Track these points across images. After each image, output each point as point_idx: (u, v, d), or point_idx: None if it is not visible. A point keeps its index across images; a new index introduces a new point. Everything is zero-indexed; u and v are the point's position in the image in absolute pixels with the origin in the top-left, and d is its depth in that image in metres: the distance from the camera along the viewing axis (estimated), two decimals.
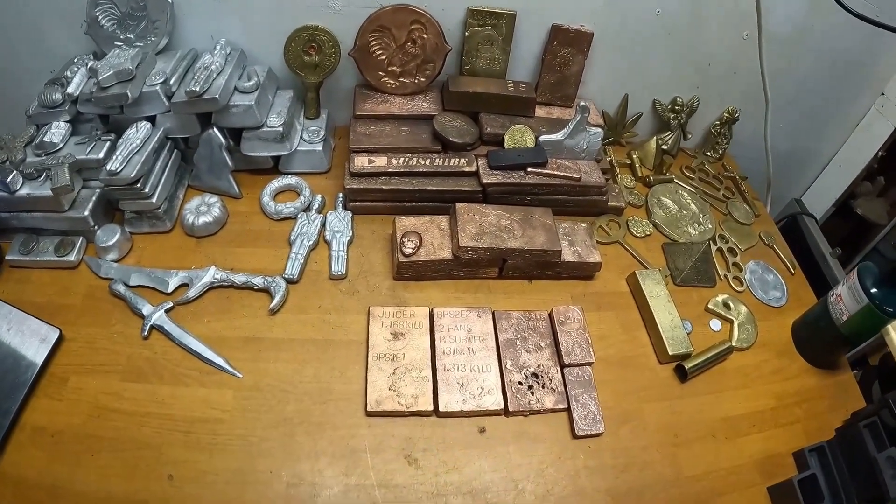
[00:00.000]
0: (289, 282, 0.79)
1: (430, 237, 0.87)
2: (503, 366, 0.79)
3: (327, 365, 0.72)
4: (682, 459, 0.78)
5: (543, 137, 0.96)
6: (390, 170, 0.92)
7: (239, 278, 0.77)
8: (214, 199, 0.86)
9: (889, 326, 1.01)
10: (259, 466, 0.62)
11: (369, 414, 0.68)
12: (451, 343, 0.80)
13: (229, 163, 0.89)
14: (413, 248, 0.85)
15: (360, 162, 0.91)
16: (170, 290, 0.78)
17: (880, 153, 1.24)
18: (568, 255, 0.89)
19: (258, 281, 0.77)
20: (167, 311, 0.75)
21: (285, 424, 0.65)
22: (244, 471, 0.61)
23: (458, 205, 0.88)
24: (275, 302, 0.76)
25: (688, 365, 0.83)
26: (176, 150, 0.89)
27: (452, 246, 0.85)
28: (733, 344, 0.88)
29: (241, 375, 0.68)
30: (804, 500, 0.77)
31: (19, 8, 0.87)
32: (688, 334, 0.86)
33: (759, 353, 0.91)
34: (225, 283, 0.77)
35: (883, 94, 1.19)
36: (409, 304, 0.82)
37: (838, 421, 0.85)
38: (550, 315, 0.85)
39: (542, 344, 0.83)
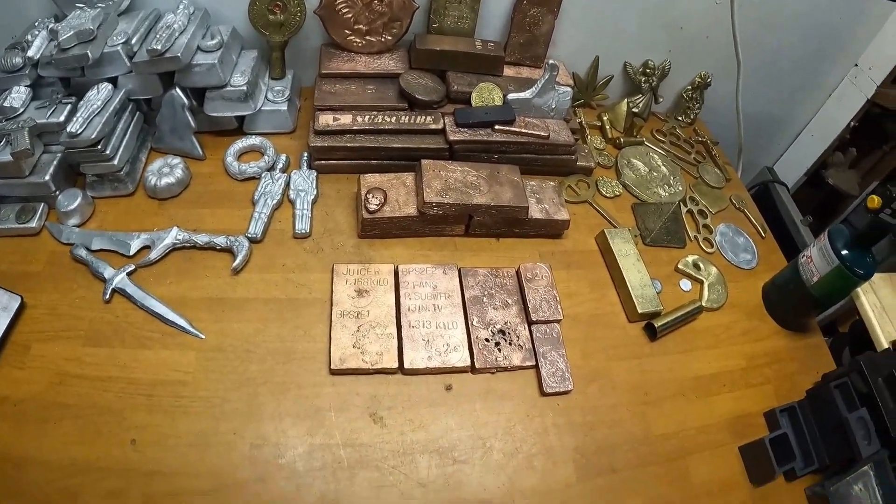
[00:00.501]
0: (252, 241, 0.77)
1: (396, 194, 0.84)
2: (469, 323, 0.77)
3: (291, 324, 0.70)
4: (651, 418, 0.76)
5: (511, 96, 0.94)
6: (355, 127, 0.89)
7: (201, 239, 0.75)
8: (177, 160, 0.83)
9: (859, 290, 1.01)
10: (222, 428, 0.60)
11: (333, 372, 0.66)
12: (417, 300, 0.77)
13: (192, 123, 0.86)
14: (378, 205, 0.82)
15: (325, 120, 0.88)
16: (132, 253, 0.75)
17: (852, 124, 1.23)
18: (535, 213, 0.86)
19: (221, 241, 0.75)
20: (129, 274, 0.72)
21: (249, 385, 0.63)
22: (207, 433, 0.59)
23: (424, 161, 0.85)
24: (237, 261, 0.74)
25: (657, 323, 0.81)
26: (138, 112, 0.86)
27: (418, 202, 0.82)
28: (703, 304, 0.86)
29: (203, 336, 0.66)
30: (775, 459, 0.75)
31: None
32: (657, 294, 0.84)
33: (730, 314, 0.89)
34: (187, 244, 0.75)
35: (856, 65, 1.19)
36: (375, 262, 0.80)
37: (809, 383, 0.84)
38: (518, 272, 0.82)
39: (510, 301, 0.80)
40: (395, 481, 0.61)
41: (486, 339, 0.76)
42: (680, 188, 1.01)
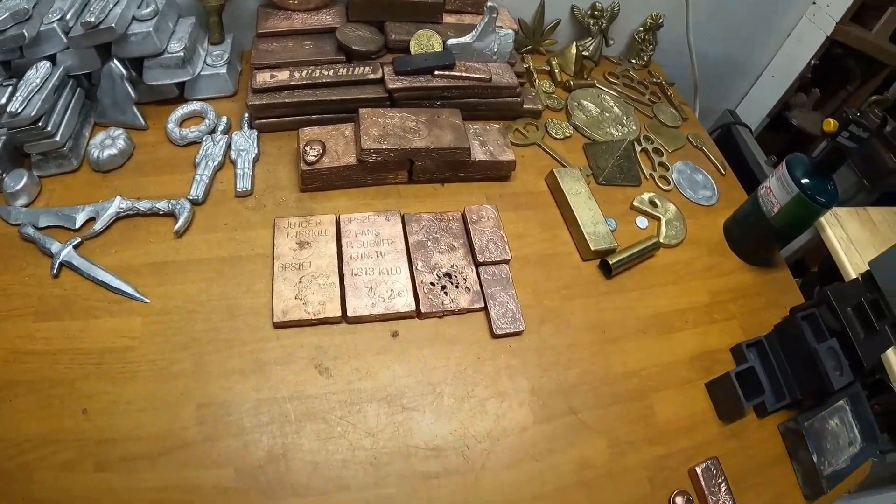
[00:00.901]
0: (194, 203, 0.74)
1: (335, 144, 0.81)
2: (414, 267, 0.73)
3: (234, 281, 0.68)
4: (611, 356, 0.72)
5: (451, 41, 0.89)
6: (293, 83, 0.85)
7: (144, 205, 0.72)
8: (119, 131, 0.80)
9: (824, 223, 0.97)
10: (170, 390, 0.59)
11: (277, 325, 0.64)
12: (359, 248, 0.74)
13: (132, 94, 0.83)
14: (316, 157, 0.78)
15: (262, 78, 0.85)
16: (77, 226, 0.72)
17: (813, 62, 1.20)
18: (479, 155, 0.82)
19: (163, 205, 0.73)
20: (76, 247, 0.70)
21: (194, 345, 0.62)
22: (155, 396, 0.58)
23: (362, 110, 0.81)
24: (179, 224, 0.71)
25: (612, 260, 0.76)
26: (79, 88, 0.84)
27: (356, 150, 0.78)
28: (661, 240, 0.82)
29: (148, 301, 0.65)
30: (743, 393, 0.70)
31: None
32: (612, 231, 0.79)
33: (690, 251, 0.85)
34: (131, 212, 0.73)
35: (814, 2, 1.16)
36: (317, 214, 0.76)
37: (776, 318, 0.80)
38: (463, 215, 0.78)
39: (455, 244, 0.76)
40: (343, 432, 0.59)
41: (432, 284, 0.72)
42: (634, 128, 0.97)
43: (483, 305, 0.71)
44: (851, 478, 0.72)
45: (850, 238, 0.98)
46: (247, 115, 0.86)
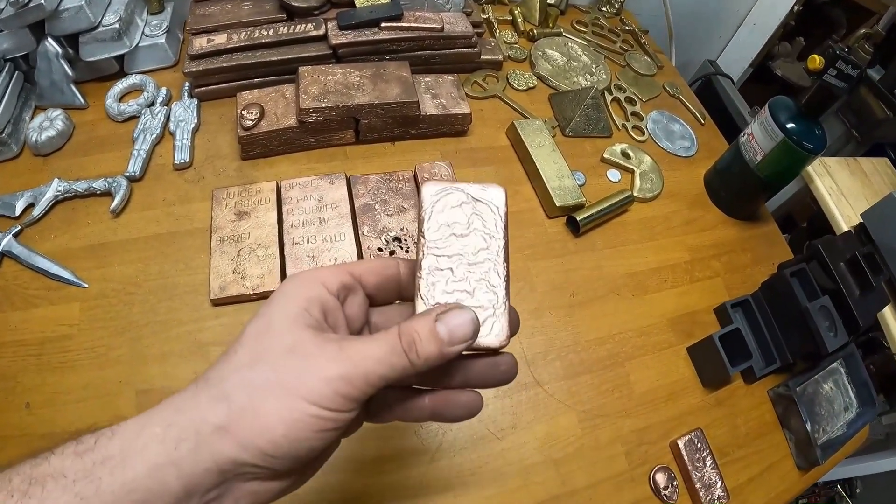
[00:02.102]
0: (131, 180, 0.70)
1: (274, 107, 0.74)
2: (360, 233, 0.66)
3: (172, 258, 0.63)
4: (580, 321, 0.64)
5: None
6: (231, 46, 0.78)
7: (80, 186, 0.68)
8: (57, 112, 0.75)
9: (812, 173, 0.90)
10: (109, 377, 0.55)
11: (215, 303, 0.59)
12: (300, 215, 0.67)
13: (69, 72, 0.79)
14: (254, 121, 0.71)
15: (199, 43, 0.78)
16: (17, 214, 0.68)
17: (796, 8, 1.12)
18: (430, 109, 0.74)
19: (100, 185, 0.68)
20: (15, 235, 0.66)
21: (132, 328, 0.58)
22: (94, 384, 0.55)
23: (302, 68, 0.74)
24: (115, 202, 0.67)
25: (580, 216, 0.69)
26: (17, 72, 0.80)
27: (296, 111, 0.72)
28: (635, 194, 0.74)
29: (86, 285, 0.61)
30: (729, 358, 0.63)
31: None
32: (580, 186, 0.71)
33: (668, 204, 0.77)
34: (69, 194, 0.69)
35: None
36: (258, 182, 0.69)
37: (763, 275, 0.74)
38: (414, 174, 0.70)
39: (406, 206, 0.68)
40: None
41: (380, 249, 0.65)
42: (604, 76, 0.89)
43: None
44: (849, 444, 0.65)
45: (841, 189, 0.91)
46: (187, 84, 0.81)
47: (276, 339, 0.25)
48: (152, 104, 0.79)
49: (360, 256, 0.64)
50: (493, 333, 0.29)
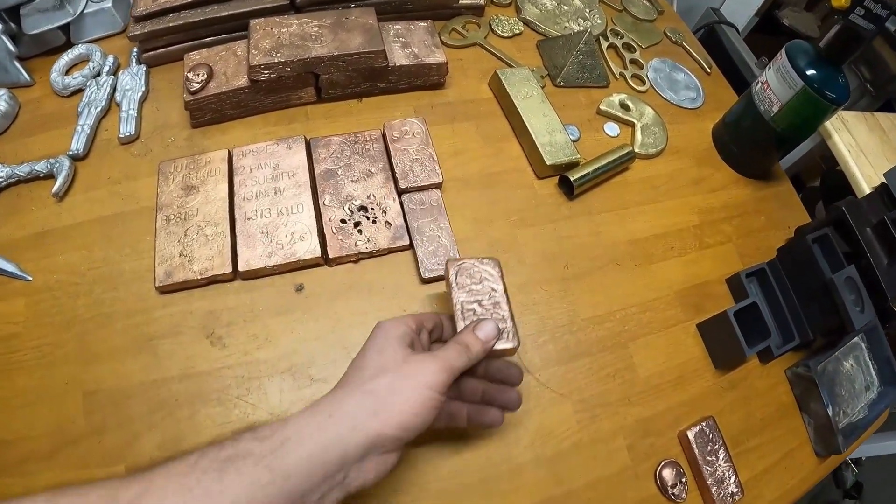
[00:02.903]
0: (75, 159, 0.63)
1: (224, 67, 0.65)
2: (320, 203, 0.57)
3: (117, 243, 0.57)
4: (576, 297, 0.56)
5: None
6: (178, 3, 0.69)
7: (22, 170, 0.62)
8: (1, 91, 0.69)
9: (830, 128, 0.81)
10: (56, 378, 0.51)
11: (161, 290, 0.53)
12: (253, 186, 0.58)
13: (11, 48, 0.72)
14: (200, 83, 0.63)
15: (144, 3, 0.70)
16: None
17: None
18: (401, 59, 0.64)
19: (41, 167, 0.62)
20: None
21: (77, 323, 0.53)
22: (41, 387, 0.50)
23: (254, 21, 0.65)
24: (57, 185, 0.61)
25: (574, 176, 0.59)
26: None
27: (247, 69, 0.63)
28: (636, 150, 0.65)
29: (30, 278, 0.56)
30: (744, 336, 0.55)
31: None
32: (574, 142, 0.62)
33: (673, 161, 0.68)
34: (13, 180, 0.63)
35: None
36: (209, 152, 0.61)
37: (779, 240, 0.65)
38: (383, 133, 0.60)
39: (373, 169, 0.59)
40: (241, 415, 0.48)
41: (343, 221, 0.55)
42: (599, 21, 0.79)
43: (409, 243, 0.55)
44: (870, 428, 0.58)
45: (860, 146, 0.82)
46: (135, 49, 0.73)
47: (390, 356, 0.37)
48: (98, 75, 0.73)
49: (321, 229, 0.56)
50: (508, 341, 0.43)
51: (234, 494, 0.29)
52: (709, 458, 0.53)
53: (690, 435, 0.53)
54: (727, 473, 0.53)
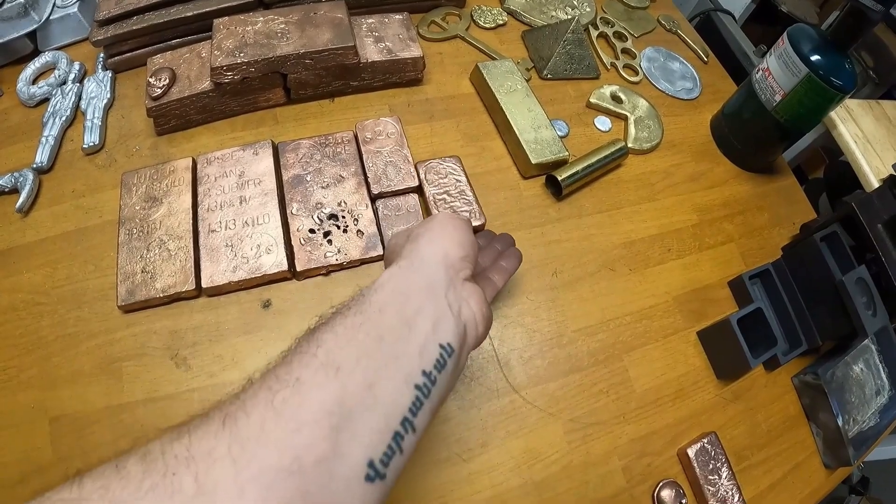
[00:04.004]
0: (40, 171, 0.61)
1: (188, 70, 0.61)
2: (288, 212, 0.54)
3: (80, 259, 0.54)
4: (566, 306, 0.52)
5: None
6: (142, 4, 0.66)
7: None
8: None
9: (835, 119, 0.77)
10: (20, 404, 0.49)
11: (124, 309, 0.50)
12: (218, 195, 0.55)
13: None
14: (162, 88, 0.59)
15: (106, 6, 0.66)
16: None
17: None
18: (373, 55, 0.60)
19: (5, 181, 0.60)
20: None
21: (41, 345, 0.50)
22: (8, 413, 0.48)
23: (217, 20, 0.62)
24: (21, 200, 0.58)
25: (562, 175, 0.55)
26: None
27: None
28: (629, 144, 0.60)
29: None
30: (748, 343, 0.51)
31: None
32: (562, 138, 0.58)
33: (669, 156, 0.64)
34: None
35: None
36: (174, 160, 0.58)
37: (783, 238, 0.61)
38: (355, 134, 0.56)
39: (344, 174, 0.55)
40: None
41: (311, 231, 0.52)
42: (588, 9, 0.75)
43: (382, 253, 0.52)
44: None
45: (867, 136, 0.77)
46: (101, 55, 0.70)
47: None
48: (64, 83, 0.70)
49: (288, 240, 0.52)
50: (476, 220, 0.51)
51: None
52: (711, 476, 0.50)
53: (691, 452, 0.49)
54: (731, 492, 0.49)
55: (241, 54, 0.57)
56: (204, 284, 0.49)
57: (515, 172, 0.59)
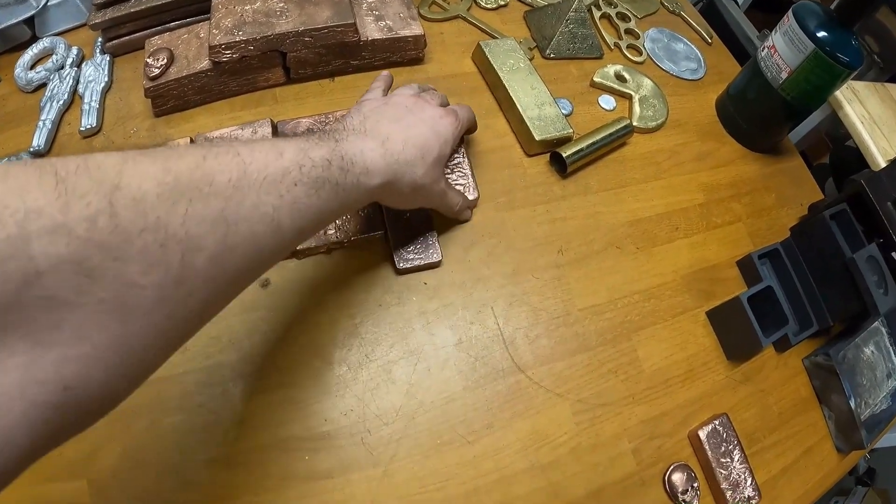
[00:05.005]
0: (37, 155, 0.60)
1: (186, 50, 0.60)
2: None
3: None
4: (573, 285, 0.50)
5: None
6: None
7: None
8: None
9: (841, 99, 0.76)
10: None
11: None
12: None
13: None
14: (160, 68, 0.58)
15: None
16: None
17: None
18: (374, 33, 0.59)
19: None
20: None
21: None
22: None
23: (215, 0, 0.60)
24: None
25: (566, 152, 0.54)
26: None
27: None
28: (634, 123, 0.59)
29: None
30: (759, 323, 0.50)
31: None
32: (566, 116, 0.56)
33: (675, 135, 0.63)
34: None
35: None
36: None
37: (791, 218, 0.60)
38: None
39: None
40: (204, 423, 0.43)
41: None
42: None
43: (383, 231, 0.50)
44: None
45: (873, 117, 0.76)
46: (99, 39, 0.70)
47: None
48: (62, 67, 0.70)
49: None
50: (470, 193, 0.49)
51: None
52: (723, 459, 0.48)
53: (702, 435, 0.48)
54: (743, 475, 0.48)
55: (240, 32, 0.56)
56: None
57: (519, 150, 0.58)
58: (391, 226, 0.50)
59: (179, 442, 0.42)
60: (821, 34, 0.58)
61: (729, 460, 0.48)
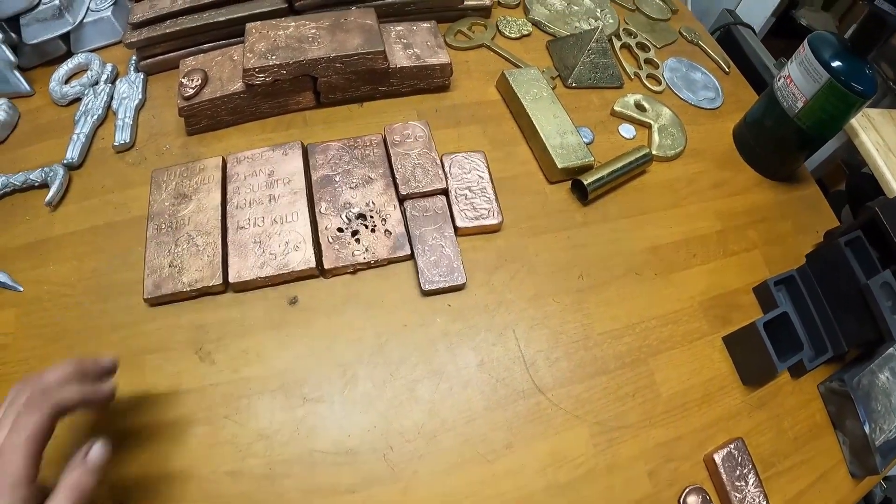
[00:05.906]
0: (71, 167, 0.62)
1: (219, 72, 0.63)
2: (317, 211, 0.54)
3: (108, 254, 0.55)
4: (592, 309, 0.52)
5: None
6: (175, 9, 0.68)
7: (18, 179, 0.62)
8: (1, 101, 0.69)
9: (857, 127, 0.77)
10: None
11: (150, 303, 0.51)
12: (248, 193, 0.56)
13: (11, 58, 0.72)
14: (195, 88, 0.61)
15: (140, 10, 0.68)
16: None
17: None
18: (402, 60, 0.62)
19: (36, 176, 0.61)
20: None
21: (66, 336, 0.50)
22: None
23: (250, 24, 0.63)
24: (51, 194, 0.59)
25: (587, 179, 0.56)
26: None
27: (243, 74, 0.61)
28: (653, 151, 0.61)
29: (21, 289, 0.55)
30: (774, 349, 0.51)
31: None
32: (587, 144, 0.58)
33: (693, 164, 0.64)
34: (8, 189, 0.62)
35: None
36: (204, 158, 0.59)
37: (807, 245, 0.61)
38: (384, 138, 0.57)
39: (373, 175, 0.55)
40: (229, 436, 0.44)
41: (340, 230, 0.53)
42: (611, 21, 0.76)
43: (409, 253, 0.52)
44: None
45: (888, 144, 0.77)
46: (133, 57, 0.72)
47: None
48: (96, 83, 0.72)
49: (316, 238, 0.53)
50: (493, 218, 0.49)
51: None
52: (737, 483, 0.49)
53: (717, 458, 0.49)
54: (758, 499, 0.49)
55: (273, 57, 0.59)
56: (231, 279, 0.50)
57: (541, 177, 0.60)
58: (417, 248, 0.52)
59: (204, 453, 0.44)
60: (835, 63, 0.59)
61: (744, 484, 0.49)
